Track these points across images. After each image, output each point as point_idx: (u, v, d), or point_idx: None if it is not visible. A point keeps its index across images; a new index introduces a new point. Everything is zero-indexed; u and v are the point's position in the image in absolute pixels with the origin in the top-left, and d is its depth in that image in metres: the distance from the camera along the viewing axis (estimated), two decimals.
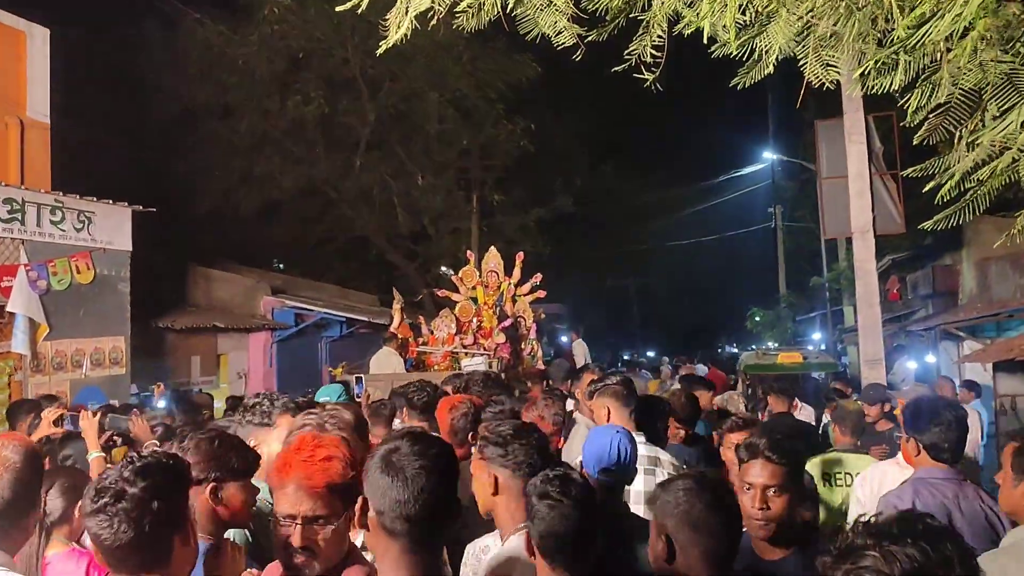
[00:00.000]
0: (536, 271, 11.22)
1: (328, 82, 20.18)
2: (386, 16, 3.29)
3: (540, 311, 11.49)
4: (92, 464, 3.81)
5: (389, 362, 9.50)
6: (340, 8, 3.21)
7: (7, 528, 2.40)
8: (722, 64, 4.11)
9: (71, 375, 9.95)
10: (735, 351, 38.34)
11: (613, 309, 42.28)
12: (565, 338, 19.69)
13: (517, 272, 10.84)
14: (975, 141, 3.47)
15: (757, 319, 29.51)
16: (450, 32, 18.41)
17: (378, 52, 3.58)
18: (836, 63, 3.65)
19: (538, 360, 10.92)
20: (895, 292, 16.90)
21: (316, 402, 5.19)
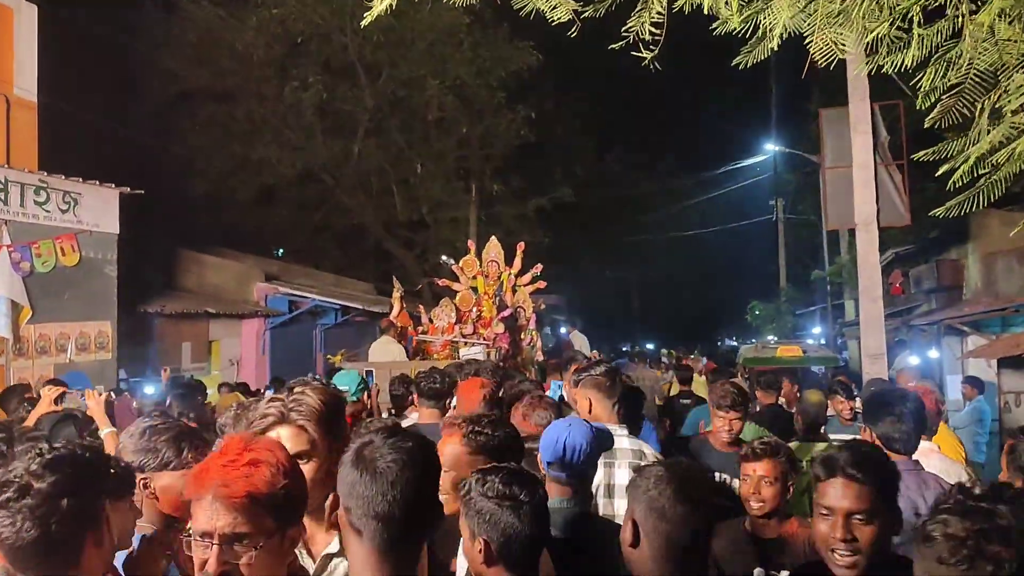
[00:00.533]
0: (536, 261, 11.07)
1: (327, 68, 20.06)
2: None
3: (540, 301, 11.35)
4: (106, 440, 3.88)
5: (388, 350, 9.37)
6: None
7: None
8: (723, 50, 3.93)
9: (55, 359, 9.78)
10: (735, 344, 38.22)
11: (612, 301, 42.09)
12: (564, 329, 19.54)
13: (518, 262, 10.73)
14: (1001, 109, 3.24)
15: (757, 312, 29.34)
16: (451, 18, 18.41)
17: (363, 23, 3.45)
18: (844, 40, 3.48)
19: (537, 351, 10.81)
20: (898, 286, 16.67)
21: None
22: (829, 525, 2.24)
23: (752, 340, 25.49)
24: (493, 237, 11.33)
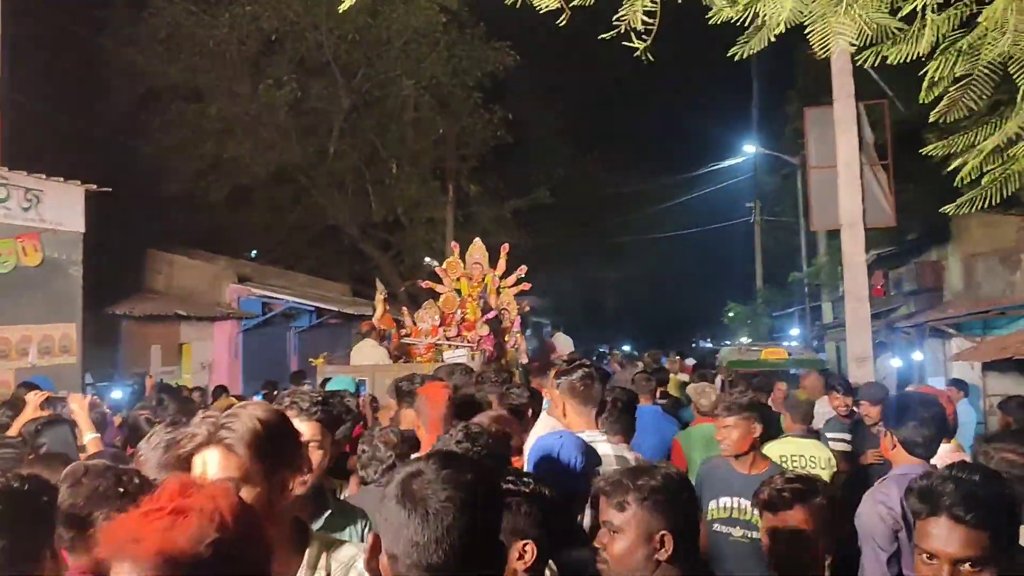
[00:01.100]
0: (517, 263, 10.90)
1: (301, 66, 19.74)
2: None
3: (525, 303, 11.19)
4: (88, 446, 3.87)
5: (371, 353, 9.16)
6: None
7: None
8: (703, 50, 3.79)
9: (16, 363, 9.42)
10: (710, 345, 38.26)
11: (591, 302, 41.99)
12: (548, 330, 19.37)
13: (502, 264, 10.57)
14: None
15: (732, 314, 29.37)
16: (427, 18, 18.15)
17: (341, 8, 3.35)
18: (845, 31, 3.34)
19: (521, 353, 10.66)
20: (879, 288, 16.66)
21: (336, 392, 5.32)
22: (932, 573, 1.89)
23: (727, 342, 25.49)
24: (477, 239, 11.21)
